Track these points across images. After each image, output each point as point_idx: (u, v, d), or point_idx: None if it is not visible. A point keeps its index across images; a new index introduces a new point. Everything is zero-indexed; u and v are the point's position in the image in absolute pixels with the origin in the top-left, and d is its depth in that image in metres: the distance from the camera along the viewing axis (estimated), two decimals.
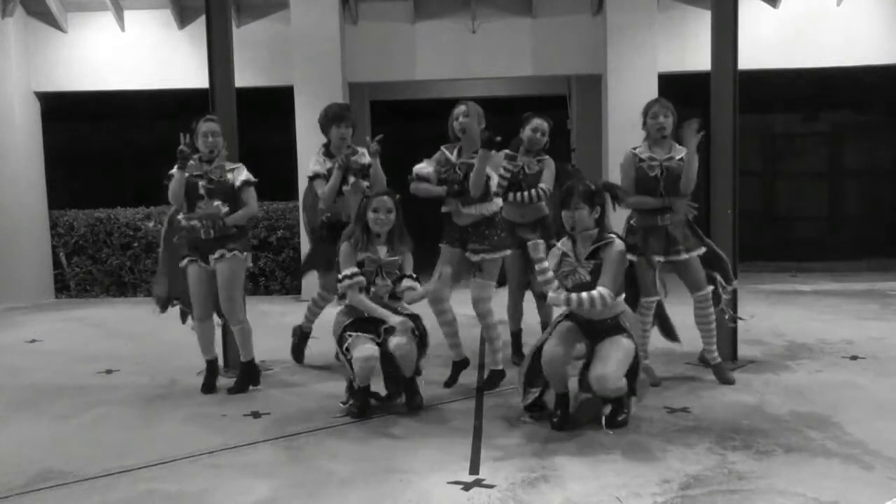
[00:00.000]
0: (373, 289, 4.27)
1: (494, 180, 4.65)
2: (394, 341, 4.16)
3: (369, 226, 4.25)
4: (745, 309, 5.99)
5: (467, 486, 3.24)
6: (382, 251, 4.28)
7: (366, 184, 4.91)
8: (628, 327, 3.95)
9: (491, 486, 3.24)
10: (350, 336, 4.17)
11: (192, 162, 4.69)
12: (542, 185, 5.05)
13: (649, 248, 4.67)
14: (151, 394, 4.88)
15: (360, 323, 4.24)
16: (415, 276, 4.38)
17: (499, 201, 4.76)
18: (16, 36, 8.84)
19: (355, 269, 4.22)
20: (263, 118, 9.79)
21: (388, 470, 3.46)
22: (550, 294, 3.93)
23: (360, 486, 3.29)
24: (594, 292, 3.80)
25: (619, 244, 3.91)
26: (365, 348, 4.11)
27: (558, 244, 4.09)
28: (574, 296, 3.82)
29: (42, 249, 9.22)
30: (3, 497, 3.28)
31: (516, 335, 5.49)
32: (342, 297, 4.37)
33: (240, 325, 4.81)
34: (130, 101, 10.04)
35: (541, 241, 3.93)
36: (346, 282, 4.21)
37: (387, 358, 4.22)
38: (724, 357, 5.06)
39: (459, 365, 4.87)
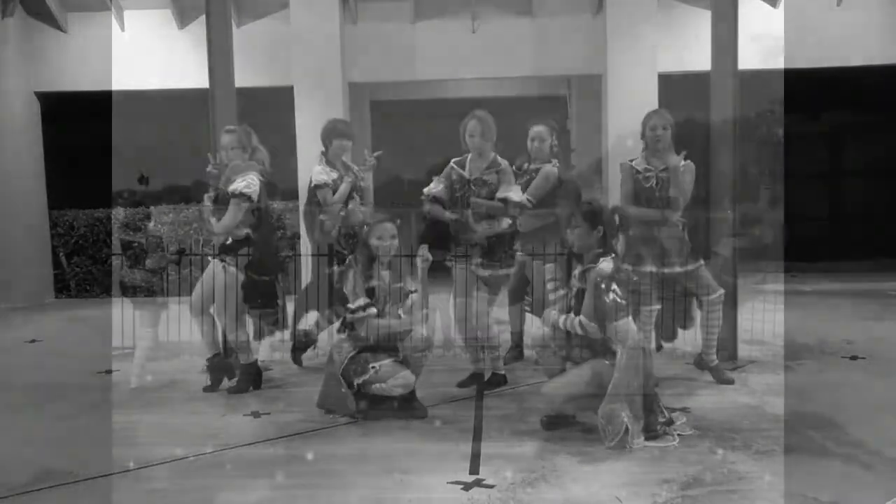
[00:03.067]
0: (388, 316, 4.25)
1: (516, 195, 4.62)
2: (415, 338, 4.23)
3: (372, 253, 4.26)
4: (746, 309, 5.98)
5: (467, 486, 3.24)
6: (387, 276, 4.29)
7: (364, 208, 5.01)
8: (619, 352, 3.76)
9: (491, 486, 3.23)
10: (374, 368, 4.16)
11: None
12: (524, 196, 4.93)
13: (643, 262, 4.68)
14: (151, 394, 4.88)
15: (370, 350, 4.23)
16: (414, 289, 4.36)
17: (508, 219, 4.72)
18: (16, 36, 8.84)
19: (366, 300, 4.19)
20: (263, 118, 9.77)
21: (388, 470, 3.46)
22: (545, 312, 4.10)
23: (360, 486, 3.29)
24: (575, 320, 3.86)
25: (595, 271, 3.81)
26: (404, 376, 4.15)
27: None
28: (561, 319, 3.94)
29: (42, 249, 9.21)
30: (3, 497, 3.28)
31: (517, 335, 5.49)
32: (346, 327, 4.31)
33: (231, 333, 4.80)
34: (130, 101, 10.02)
35: (551, 265, 4.11)
36: (360, 314, 4.17)
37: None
38: (724, 357, 5.06)
39: (477, 376, 4.81)
